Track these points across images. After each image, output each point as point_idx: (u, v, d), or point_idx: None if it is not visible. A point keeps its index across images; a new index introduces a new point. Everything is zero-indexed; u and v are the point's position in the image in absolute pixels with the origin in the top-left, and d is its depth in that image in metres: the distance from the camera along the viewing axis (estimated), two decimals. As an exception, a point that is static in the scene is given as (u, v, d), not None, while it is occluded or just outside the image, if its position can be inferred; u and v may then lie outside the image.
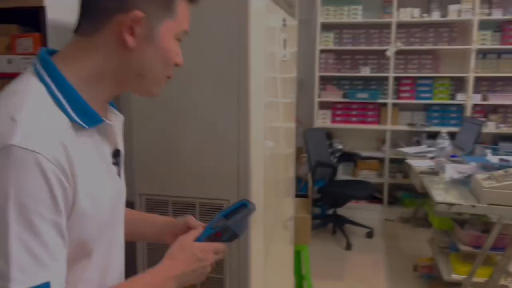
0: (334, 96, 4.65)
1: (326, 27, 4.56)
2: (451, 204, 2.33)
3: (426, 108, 4.58)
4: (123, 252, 0.95)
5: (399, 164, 4.47)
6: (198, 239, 0.94)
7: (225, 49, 1.42)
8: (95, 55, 0.77)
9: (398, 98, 4.55)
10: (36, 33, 1.78)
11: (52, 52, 0.79)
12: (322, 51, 4.57)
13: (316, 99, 4.60)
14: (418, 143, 4.39)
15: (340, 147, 4.65)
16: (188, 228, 0.98)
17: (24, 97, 0.71)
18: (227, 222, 0.96)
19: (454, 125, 4.36)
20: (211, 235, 0.95)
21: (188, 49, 1.43)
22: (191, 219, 1.01)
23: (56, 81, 0.74)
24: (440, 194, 2.50)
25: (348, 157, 4.56)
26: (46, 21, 1.76)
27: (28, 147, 0.65)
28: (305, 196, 3.18)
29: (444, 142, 3.49)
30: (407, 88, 4.55)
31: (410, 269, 3.43)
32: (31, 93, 0.72)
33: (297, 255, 3.01)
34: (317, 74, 4.56)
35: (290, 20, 1.91)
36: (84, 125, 0.75)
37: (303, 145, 4.10)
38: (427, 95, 4.49)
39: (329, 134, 4.72)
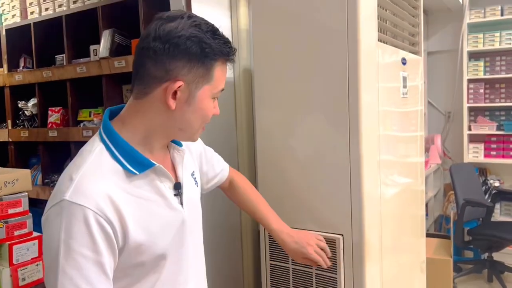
0: (486, 128, 4.25)
1: (474, 55, 4.25)
2: None
3: None
4: (198, 268, 1.14)
5: None
6: None
7: (337, 85, 1.51)
8: (144, 116, 0.95)
9: None
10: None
11: (114, 111, 1.00)
12: (471, 80, 4.26)
13: (466, 132, 4.26)
14: None
15: (496, 184, 4.18)
16: None
17: (86, 156, 0.92)
18: None
19: None
20: None
21: (300, 83, 1.56)
22: None
23: (113, 140, 0.94)
24: None
25: (508, 196, 4.07)
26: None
27: (77, 201, 0.84)
28: (447, 237, 2.95)
29: None
30: None
31: None
32: (93, 152, 0.92)
33: (439, 301, 2.78)
34: (466, 105, 4.25)
35: (411, 58, 1.92)
36: (136, 172, 0.93)
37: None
38: None
39: (482, 170, 4.30)
